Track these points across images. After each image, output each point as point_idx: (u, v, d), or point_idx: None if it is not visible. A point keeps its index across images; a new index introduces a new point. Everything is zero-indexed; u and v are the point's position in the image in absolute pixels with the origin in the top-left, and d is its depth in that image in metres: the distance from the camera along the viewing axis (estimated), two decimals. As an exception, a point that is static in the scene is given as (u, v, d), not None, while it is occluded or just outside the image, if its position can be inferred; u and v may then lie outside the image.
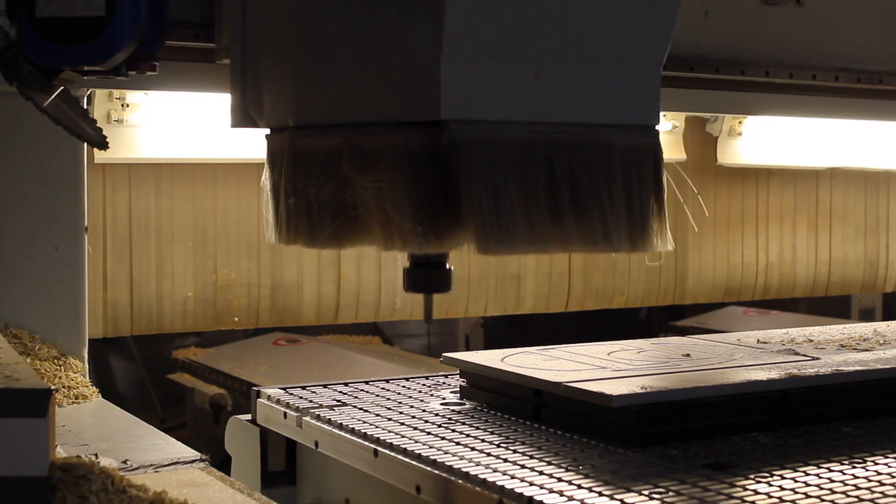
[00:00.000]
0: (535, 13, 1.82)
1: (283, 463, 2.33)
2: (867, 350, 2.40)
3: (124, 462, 2.03)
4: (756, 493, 1.64)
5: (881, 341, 2.51)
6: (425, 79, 1.77)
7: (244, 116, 2.13)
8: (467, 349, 5.16)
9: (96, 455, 1.86)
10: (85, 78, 2.07)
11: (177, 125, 3.07)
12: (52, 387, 1.68)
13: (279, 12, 2.04)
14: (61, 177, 2.73)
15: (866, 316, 5.10)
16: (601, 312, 3.92)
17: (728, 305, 5.03)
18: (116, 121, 2.97)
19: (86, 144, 2.73)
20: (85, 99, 2.74)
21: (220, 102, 3.05)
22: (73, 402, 2.53)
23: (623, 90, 1.91)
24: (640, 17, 1.90)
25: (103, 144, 2.21)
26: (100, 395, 2.62)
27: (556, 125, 1.85)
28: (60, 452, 1.85)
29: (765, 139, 3.93)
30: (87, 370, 2.73)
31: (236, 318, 3.34)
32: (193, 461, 2.08)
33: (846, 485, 1.70)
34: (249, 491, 1.91)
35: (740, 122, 3.92)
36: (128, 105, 2.98)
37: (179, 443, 2.24)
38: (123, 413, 2.49)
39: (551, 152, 1.84)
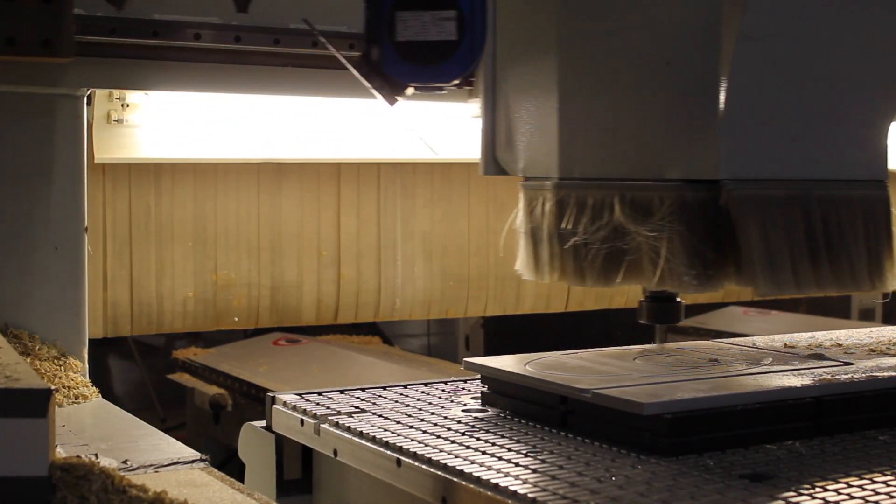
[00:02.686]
0: (794, 83, 2.09)
1: (299, 471, 2.31)
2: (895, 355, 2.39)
3: (124, 462, 2.03)
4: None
5: None
6: (706, 143, 2.05)
7: (495, 166, 2.44)
8: (467, 349, 5.16)
9: (96, 455, 1.85)
10: (416, 91, 2.25)
11: (177, 125, 3.07)
12: (52, 387, 1.68)
13: (539, 69, 2.30)
14: (61, 177, 2.74)
15: (866, 316, 5.09)
16: (600, 312, 3.92)
17: (728, 305, 5.02)
18: (116, 121, 2.97)
19: (86, 144, 2.76)
20: (84, 99, 2.75)
21: (220, 102, 3.07)
22: (73, 402, 2.53)
23: (859, 148, 2.18)
24: (876, 84, 2.17)
25: (434, 150, 2.45)
26: (100, 395, 2.63)
27: (809, 181, 2.13)
28: (60, 452, 1.85)
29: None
30: (87, 370, 2.73)
31: (236, 318, 3.34)
32: (193, 461, 2.08)
33: (892, 497, 1.67)
34: (249, 491, 1.91)
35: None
36: (128, 105, 2.98)
37: (179, 443, 2.24)
38: (123, 413, 2.50)
39: (807, 206, 2.11)
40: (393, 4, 2.15)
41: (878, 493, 1.67)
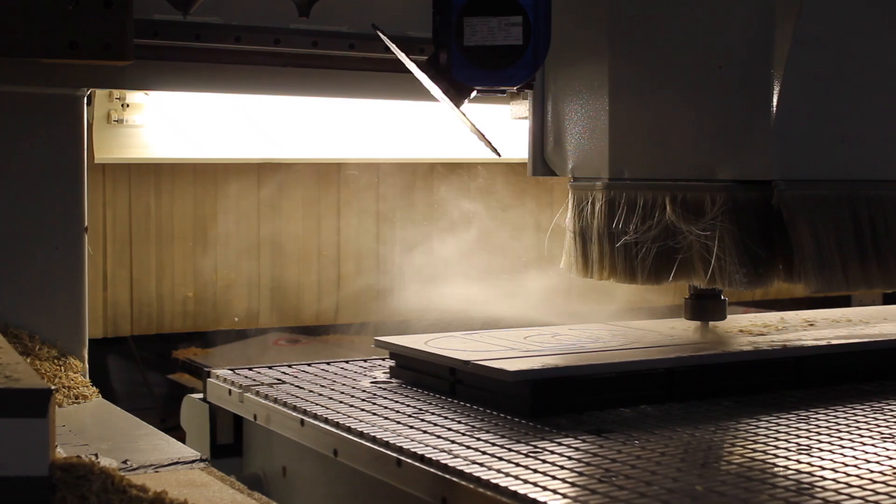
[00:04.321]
0: (844, 85, 2.19)
1: (230, 436, 2.54)
2: (761, 335, 2.58)
3: (124, 462, 2.03)
4: (619, 452, 1.84)
5: (779, 328, 2.70)
6: (758, 144, 2.14)
7: (543, 166, 2.54)
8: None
9: (96, 455, 1.85)
10: (479, 94, 2.31)
11: (177, 125, 3.06)
12: (52, 387, 1.68)
13: (589, 70, 2.39)
14: (61, 177, 2.73)
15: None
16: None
17: (728, 305, 5.01)
18: (117, 121, 2.97)
19: (86, 144, 2.74)
20: (85, 99, 2.74)
21: (219, 102, 3.06)
22: (73, 402, 2.53)
23: None
24: None
25: (498, 152, 2.44)
26: (100, 395, 2.62)
27: (857, 182, 2.23)
28: (60, 452, 1.84)
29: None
30: (87, 370, 2.72)
31: (236, 318, 3.34)
32: (193, 461, 2.08)
33: (695, 450, 1.87)
34: (249, 491, 1.92)
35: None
36: (128, 105, 2.98)
37: (179, 443, 2.24)
38: (123, 413, 2.49)
39: (855, 206, 2.21)
40: (461, 10, 2.23)
41: (689, 447, 1.88)
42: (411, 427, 2.01)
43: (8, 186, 2.68)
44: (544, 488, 1.62)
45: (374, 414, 2.12)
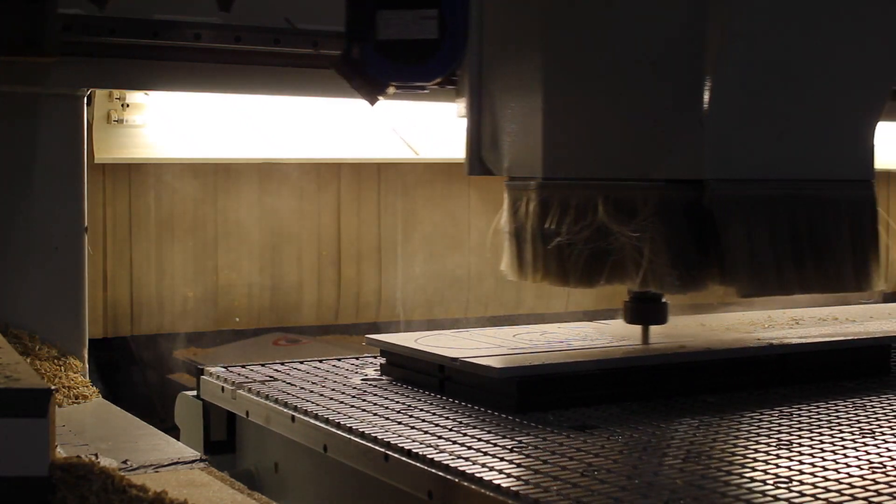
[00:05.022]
0: (780, 82, 2.10)
1: (224, 433, 2.54)
2: (747, 333, 2.60)
3: (124, 462, 2.03)
4: (602, 447, 1.86)
5: (765, 326, 2.71)
6: (690, 141, 2.05)
7: (480, 165, 2.39)
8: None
9: (96, 455, 1.85)
10: (396, 91, 2.24)
11: (177, 125, 3.07)
12: (52, 387, 1.69)
13: (525, 68, 2.26)
14: (61, 177, 2.74)
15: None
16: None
17: (728, 305, 5.01)
18: (117, 121, 2.97)
19: (86, 144, 2.76)
20: (84, 99, 2.75)
21: (219, 103, 3.07)
22: (73, 403, 2.54)
23: (846, 148, 2.19)
24: (863, 83, 2.18)
25: (415, 150, 2.42)
26: (100, 395, 2.63)
27: (795, 181, 2.14)
28: (60, 452, 1.85)
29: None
30: (87, 370, 2.73)
31: (236, 318, 3.35)
32: (193, 461, 2.09)
33: (683, 438, 1.93)
34: (249, 491, 1.93)
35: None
36: (128, 105, 2.98)
37: (179, 443, 2.26)
38: (123, 413, 2.50)
39: (793, 206, 2.12)
40: (375, 3, 2.15)
41: (671, 442, 1.90)
42: (399, 423, 2.03)
43: (8, 187, 2.70)
44: (527, 482, 1.64)
45: (364, 410, 2.14)
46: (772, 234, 2.10)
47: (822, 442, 1.89)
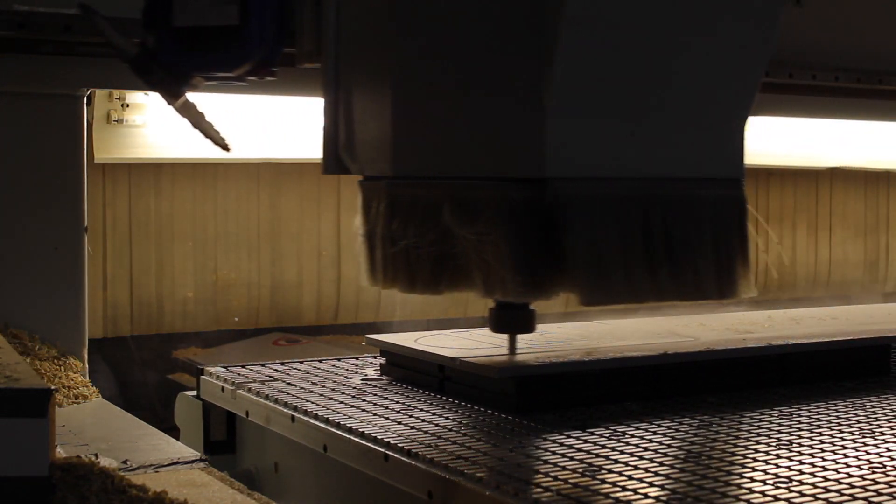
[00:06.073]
0: (632, 73, 1.91)
1: (223, 433, 2.54)
2: (747, 333, 2.58)
3: (124, 462, 2.03)
4: (602, 447, 1.86)
5: (765, 326, 2.70)
6: (530, 137, 1.87)
7: (336, 164, 2.20)
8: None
9: (96, 455, 1.85)
10: (207, 83, 2.15)
11: (177, 125, 3.06)
12: (52, 387, 1.69)
13: (376, 63, 2.10)
14: (61, 177, 2.74)
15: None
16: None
17: (728, 305, 5.02)
18: (117, 121, 2.98)
19: (86, 144, 2.76)
20: (84, 99, 2.75)
21: (219, 103, 3.07)
22: (73, 402, 2.53)
23: (712, 144, 2.01)
24: (729, 75, 1.99)
25: (226, 146, 2.30)
26: (100, 395, 2.63)
27: (652, 180, 1.96)
28: (60, 452, 1.85)
29: (765, 139, 3.93)
30: (87, 370, 2.73)
31: (236, 318, 3.35)
32: (193, 461, 2.09)
33: (684, 438, 1.93)
34: (249, 491, 1.93)
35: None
36: (128, 105, 2.99)
37: (179, 443, 2.25)
38: (123, 413, 2.50)
39: (647, 207, 1.94)
40: None
41: (672, 442, 1.90)
42: (399, 423, 2.03)
43: (8, 186, 2.70)
44: (527, 482, 1.65)
45: (364, 410, 2.14)
46: (622, 237, 1.91)
47: (821, 442, 1.88)
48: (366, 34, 2.12)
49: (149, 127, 3.04)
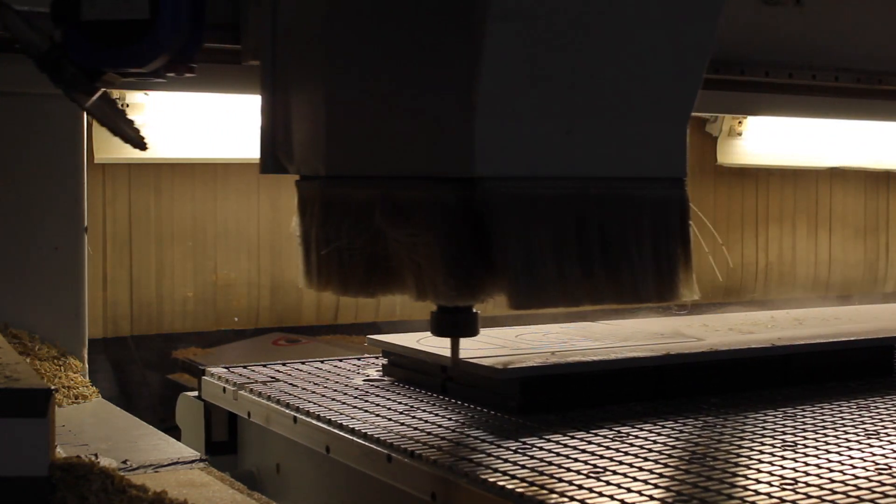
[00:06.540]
0: (566, 70, 1.83)
1: (225, 434, 2.54)
2: (750, 333, 2.59)
3: (124, 462, 2.03)
4: (606, 448, 1.87)
5: (768, 326, 2.71)
6: (459, 135, 1.79)
7: (274, 162, 2.13)
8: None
9: (96, 455, 1.85)
10: (123, 80, 2.11)
11: (177, 125, 3.07)
12: (52, 387, 1.69)
13: (311, 62, 2.05)
14: (61, 177, 2.73)
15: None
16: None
17: (728, 305, 5.02)
18: (116, 121, 2.97)
19: (86, 145, 2.76)
20: (85, 99, 2.75)
21: (219, 103, 3.07)
22: (73, 402, 2.53)
23: (652, 143, 1.92)
24: (668, 72, 1.92)
25: (142, 145, 2.25)
26: (100, 395, 2.62)
27: (587, 179, 1.88)
28: (60, 452, 1.85)
29: (765, 139, 3.94)
30: (87, 370, 2.73)
31: (236, 318, 3.35)
32: (193, 461, 2.09)
33: (689, 439, 1.94)
34: (249, 491, 1.93)
35: (740, 123, 3.92)
36: (128, 105, 2.98)
37: (179, 443, 2.25)
38: (123, 413, 2.50)
39: (582, 207, 1.86)
40: None
41: (676, 443, 1.91)
42: (402, 424, 2.03)
43: (8, 186, 2.69)
44: (531, 483, 1.64)
45: (366, 411, 2.14)
46: (555, 238, 1.84)
47: (826, 443, 1.89)
48: (301, 32, 2.07)
49: (149, 127, 3.03)
